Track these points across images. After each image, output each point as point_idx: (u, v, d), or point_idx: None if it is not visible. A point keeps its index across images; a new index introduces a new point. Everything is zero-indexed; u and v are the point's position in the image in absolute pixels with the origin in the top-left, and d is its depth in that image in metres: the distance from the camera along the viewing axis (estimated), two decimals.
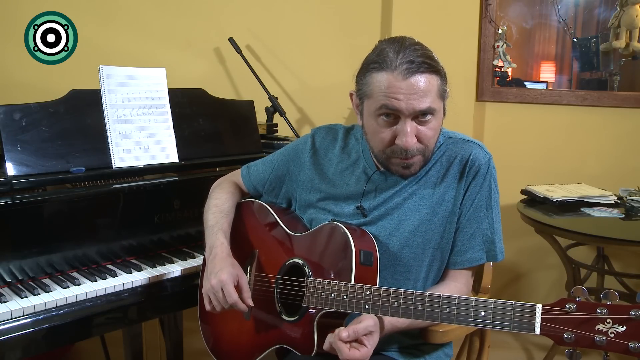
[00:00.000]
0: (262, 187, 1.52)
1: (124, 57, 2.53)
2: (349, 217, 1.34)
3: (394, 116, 1.19)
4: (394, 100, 1.16)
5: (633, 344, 0.86)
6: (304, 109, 2.83)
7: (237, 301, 1.25)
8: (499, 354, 2.59)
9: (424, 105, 1.16)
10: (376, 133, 1.23)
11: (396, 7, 2.73)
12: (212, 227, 1.41)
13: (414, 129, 1.19)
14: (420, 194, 1.30)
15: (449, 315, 1.06)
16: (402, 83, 1.15)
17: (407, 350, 1.35)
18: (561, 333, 0.92)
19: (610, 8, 2.82)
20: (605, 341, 0.88)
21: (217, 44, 2.71)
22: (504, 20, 2.86)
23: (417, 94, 1.15)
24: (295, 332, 1.27)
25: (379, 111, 1.19)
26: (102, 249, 1.55)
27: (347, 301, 1.16)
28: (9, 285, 1.38)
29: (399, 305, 1.11)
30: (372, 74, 1.20)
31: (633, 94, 2.83)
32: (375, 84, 1.19)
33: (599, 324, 0.90)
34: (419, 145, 1.21)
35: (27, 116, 1.49)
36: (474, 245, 1.30)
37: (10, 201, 1.38)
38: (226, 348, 1.45)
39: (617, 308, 0.89)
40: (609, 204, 2.48)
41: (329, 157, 1.42)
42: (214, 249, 1.34)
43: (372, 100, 1.20)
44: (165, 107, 1.73)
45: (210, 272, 1.29)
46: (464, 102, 2.82)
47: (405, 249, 1.29)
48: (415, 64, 1.15)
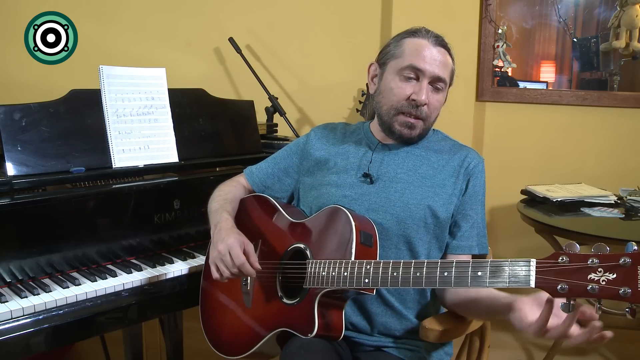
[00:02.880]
0: (267, 181, 1.57)
1: (124, 57, 2.54)
2: (355, 185, 1.40)
3: (415, 75, 1.36)
4: (421, 61, 1.35)
5: (623, 290, 0.90)
6: (304, 109, 2.83)
7: (244, 262, 1.26)
8: (499, 354, 2.59)
9: (443, 73, 1.37)
10: (394, 89, 1.38)
11: (396, 7, 2.73)
12: (216, 210, 1.45)
13: (429, 91, 1.37)
14: (423, 172, 1.40)
15: (446, 279, 1.08)
16: (431, 48, 1.37)
17: (407, 348, 1.36)
18: (555, 285, 0.95)
19: (610, 8, 2.82)
20: (598, 289, 0.91)
21: (217, 44, 2.72)
22: (504, 20, 2.86)
23: (439, 62, 1.37)
24: (296, 314, 1.27)
25: (405, 69, 1.36)
26: (102, 249, 1.55)
27: (347, 277, 1.18)
28: (9, 285, 1.38)
29: (397, 275, 1.13)
30: (405, 39, 1.40)
31: (633, 94, 2.83)
32: (408, 45, 1.38)
33: (591, 273, 0.93)
34: (427, 110, 1.38)
35: (27, 116, 1.49)
36: (473, 235, 1.39)
37: (10, 201, 1.38)
38: (227, 339, 1.44)
39: (608, 257, 0.93)
40: (609, 204, 2.48)
41: (331, 141, 1.53)
42: (219, 224, 1.37)
43: (401, 60, 1.38)
44: (165, 107, 1.73)
45: (216, 240, 1.32)
46: (464, 102, 2.82)
47: (408, 219, 1.34)
48: (440, 39, 1.40)
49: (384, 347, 1.36)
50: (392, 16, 2.73)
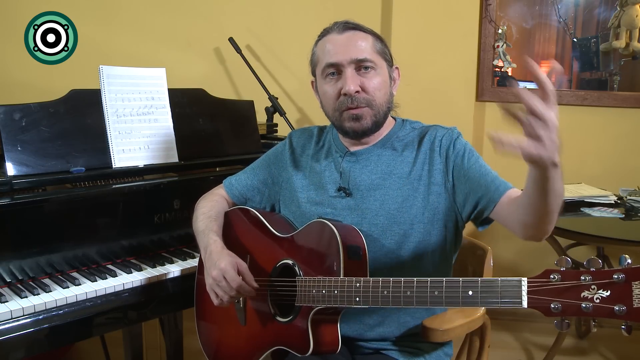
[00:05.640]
0: (247, 194, 1.54)
1: (124, 57, 2.54)
2: (332, 201, 1.36)
3: (338, 71, 1.32)
4: (333, 55, 1.32)
5: (618, 307, 0.87)
6: (304, 109, 2.83)
7: (241, 284, 1.25)
8: (499, 354, 2.59)
9: (361, 54, 1.30)
10: (326, 92, 1.35)
11: (396, 7, 2.73)
12: (202, 231, 1.42)
13: (356, 77, 1.31)
14: (398, 172, 1.35)
15: (437, 299, 1.06)
16: (338, 37, 1.33)
17: (407, 350, 1.35)
18: (548, 304, 0.92)
19: (610, 8, 2.82)
20: (592, 307, 0.89)
21: (217, 44, 2.72)
22: (504, 20, 2.86)
23: (352, 45, 1.31)
24: (290, 333, 1.27)
25: (326, 71, 1.34)
26: (102, 249, 1.55)
27: (337, 295, 1.17)
28: (9, 285, 1.38)
29: (388, 294, 1.11)
30: (318, 42, 1.38)
31: (633, 94, 2.83)
32: (320, 47, 1.36)
33: (584, 291, 0.90)
34: (365, 95, 1.31)
35: (27, 116, 1.49)
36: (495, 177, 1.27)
37: (10, 201, 1.38)
38: (224, 355, 1.45)
39: (601, 273, 0.89)
40: (609, 204, 2.48)
41: (307, 152, 1.49)
42: (208, 247, 1.34)
43: (320, 65, 1.36)
44: (165, 107, 1.73)
45: (209, 267, 1.30)
46: (464, 102, 2.82)
47: (394, 225, 1.31)
48: (350, 24, 1.35)
49: (383, 350, 1.36)
50: (392, 16, 2.73)
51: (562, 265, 0.93)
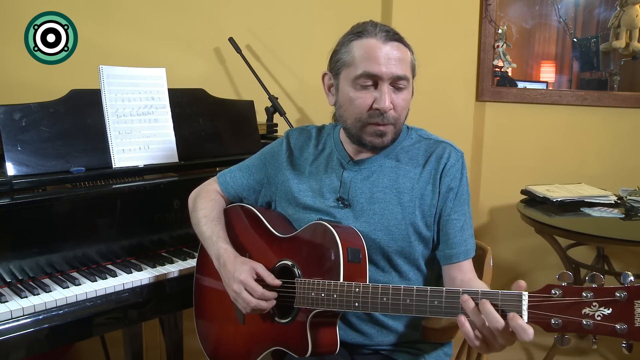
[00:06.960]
0: (242, 193, 1.51)
1: (124, 57, 2.53)
2: (330, 210, 1.34)
3: (373, 82, 1.25)
4: (374, 65, 1.23)
5: (620, 326, 0.85)
6: (304, 109, 2.83)
7: (263, 292, 1.23)
8: (499, 354, 2.58)
9: (401, 71, 1.24)
10: (353, 100, 1.27)
11: (396, 7, 2.73)
12: (209, 237, 1.40)
13: (391, 94, 1.25)
14: (400, 187, 1.31)
15: (437, 309, 1.05)
16: (382, 47, 1.23)
17: (407, 350, 1.35)
18: (548, 319, 0.91)
19: (610, 8, 2.82)
20: (593, 325, 0.87)
21: (217, 44, 2.71)
22: (504, 20, 2.86)
23: (395, 59, 1.24)
24: (289, 334, 1.26)
25: (360, 77, 1.24)
26: (102, 249, 1.55)
27: (337, 300, 1.16)
28: (9, 285, 1.38)
29: (387, 300, 1.10)
30: (352, 42, 1.27)
31: (633, 94, 2.83)
32: (357, 50, 1.25)
33: (585, 308, 0.88)
34: (394, 114, 1.27)
35: (27, 116, 1.49)
36: (466, 238, 1.31)
37: (10, 201, 1.39)
38: (223, 354, 1.45)
39: (603, 291, 0.87)
40: (609, 204, 2.48)
41: (305, 155, 1.45)
42: (221, 258, 1.33)
43: (353, 68, 1.26)
44: (165, 107, 1.73)
45: (228, 280, 1.29)
46: (464, 102, 2.82)
47: (392, 242, 1.29)
48: (391, 32, 1.26)
49: (382, 351, 1.36)
50: (392, 16, 2.73)
51: (564, 280, 0.92)
